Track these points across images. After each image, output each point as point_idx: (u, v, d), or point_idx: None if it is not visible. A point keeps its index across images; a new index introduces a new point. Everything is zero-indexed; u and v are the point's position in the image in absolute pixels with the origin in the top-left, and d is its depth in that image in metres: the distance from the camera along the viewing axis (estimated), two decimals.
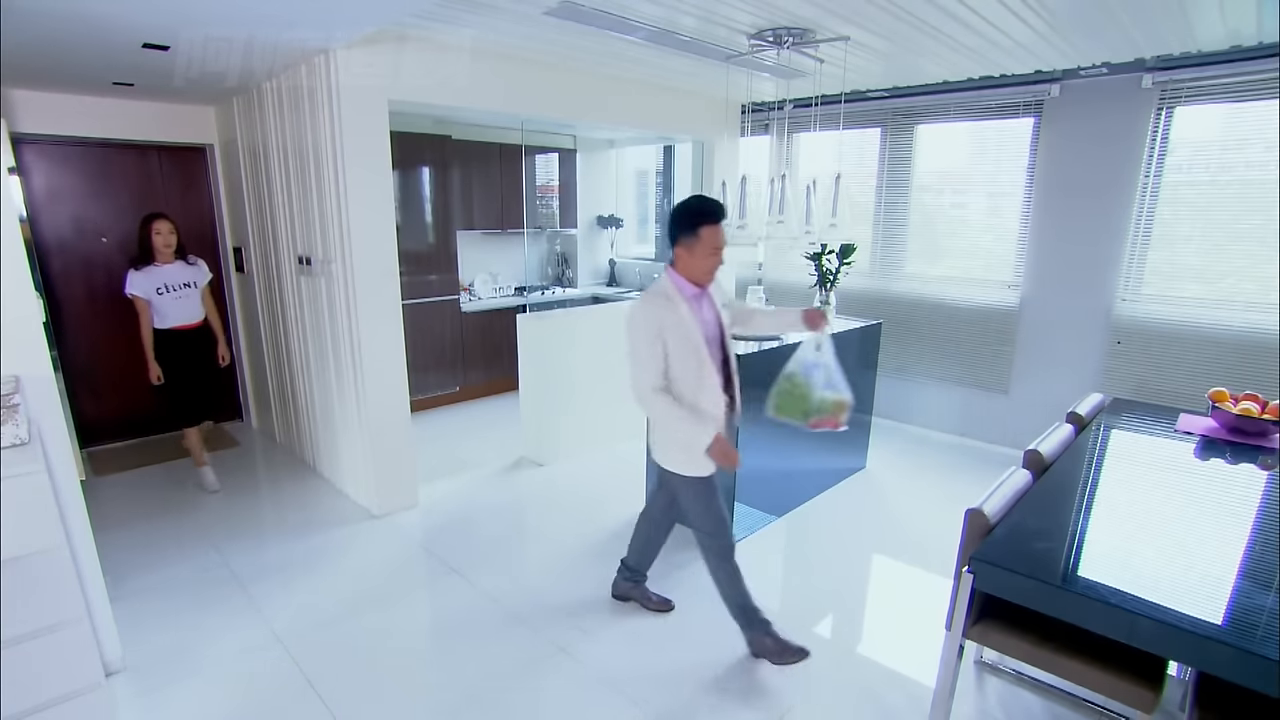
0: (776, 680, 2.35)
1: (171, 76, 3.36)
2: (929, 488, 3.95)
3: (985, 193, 4.44)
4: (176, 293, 3.58)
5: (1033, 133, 4.09)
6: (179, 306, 3.60)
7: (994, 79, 4.05)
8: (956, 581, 1.84)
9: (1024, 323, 4.28)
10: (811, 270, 3.94)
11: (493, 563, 3.11)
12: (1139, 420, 2.78)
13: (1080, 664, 1.72)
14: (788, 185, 3.24)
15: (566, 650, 2.49)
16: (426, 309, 5.14)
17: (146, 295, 3.50)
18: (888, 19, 2.86)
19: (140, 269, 3.50)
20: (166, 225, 3.54)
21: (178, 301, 3.59)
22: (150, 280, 3.51)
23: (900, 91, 4.49)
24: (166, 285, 3.55)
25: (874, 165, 4.82)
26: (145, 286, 3.50)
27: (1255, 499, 2.03)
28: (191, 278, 3.65)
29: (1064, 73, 3.84)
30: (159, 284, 3.53)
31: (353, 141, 3.14)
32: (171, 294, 3.56)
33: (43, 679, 1.77)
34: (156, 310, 3.54)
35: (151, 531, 3.38)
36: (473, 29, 3.06)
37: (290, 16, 2.52)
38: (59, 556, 1.75)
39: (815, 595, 2.87)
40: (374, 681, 2.33)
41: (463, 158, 5.46)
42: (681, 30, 3.07)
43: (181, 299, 3.60)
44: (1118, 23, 2.91)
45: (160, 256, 3.53)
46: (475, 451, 4.51)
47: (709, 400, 2.26)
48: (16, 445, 1.74)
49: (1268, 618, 1.43)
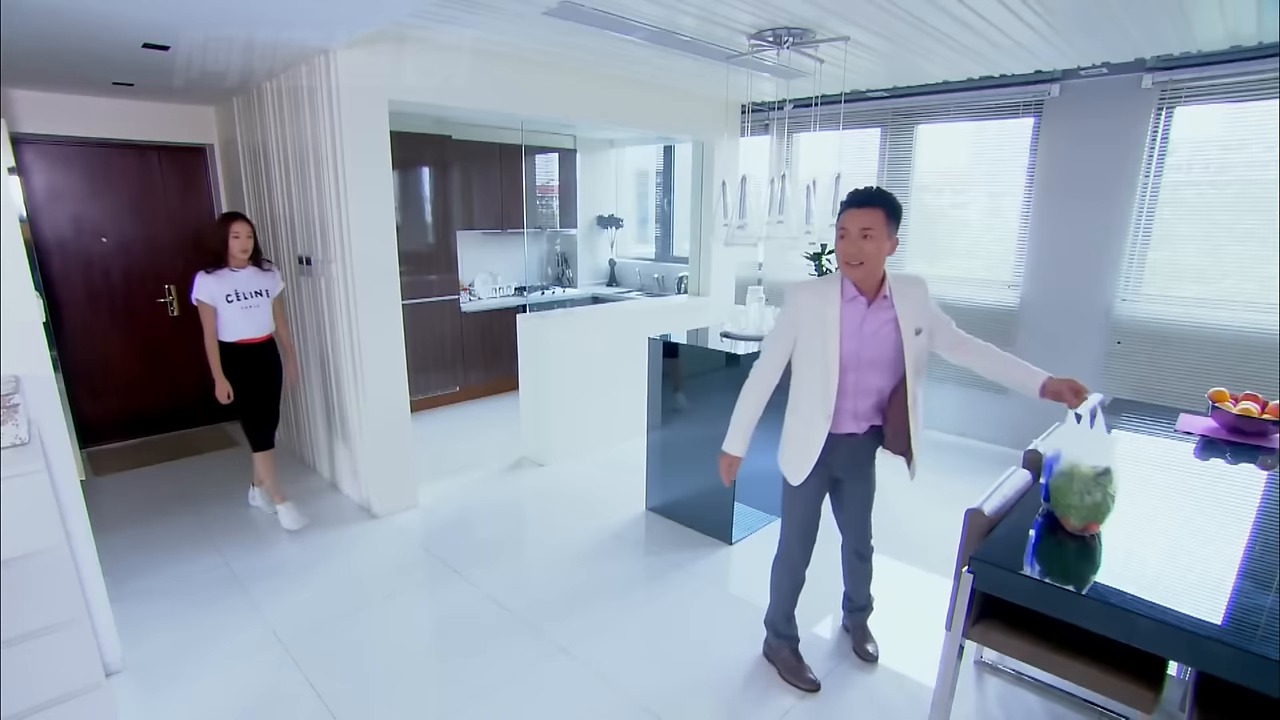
0: (777, 680, 2.35)
1: (171, 76, 3.37)
2: (929, 488, 3.94)
3: (985, 193, 4.44)
4: (247, 301, 3.22)
5: (1033, 133, 4.09)
6: (248, 317, 3.23)
7: (994, 79, 4.05)
8: (956, 581, 1.84)
9: (1024, 323, 4.28)
10: (811, 270, 3.95)
11: (493, 563, 3.11)
12: (1139, 420, 2.78)
13: (1080, 664, 1.72)
14: (788, 185, 3.23)
15: (567, 650, 2.49)
16: (426, 309, 5.14)
17: (214, 302, 3.15)
18: (888, 19, 2.86)
19: (211, 272, 3.15)
20: (246, 228, 3.19)
21: (247, 311, 3.23)
22: (221, 286, 3.16)
23: (900, 91, 4.49)
24: (238, 293, 3.19)
25: (874, 165, 4.82)
26: (215, 292, 3.14)
27: (1255, 499, 2.03)
28: (264, 285, 3.29)
29: (1064, 73, 3.84)
30: (230, 290, 3.17)
31: (353, 141, 3.14)
32: (241, 303, 3.21)
33: (43, 679, 1.76)
34: (222, 320, 3.18)
35: (151, 531, 3.38)
36: (472, 29, 3.06)
37: (290, 16, 2.51)
38: (59, 556, 1.75)
39: (815, 595, 2.86)
40: (374, 681, 2.33)
41: (463, 158, 5.46)
42: (681, 30, 3.07)
43: (252, 309, 3.24)
44: (1118, 23, 2.91)
45: (234, 261, 3.19)
46: (475, 451, 4.51)
47: (819, 418, 2.09)
48: (16, 445, 1.74)
49: (1268, 618, 1.43)
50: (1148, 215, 3.77)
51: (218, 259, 3.17)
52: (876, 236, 1.96)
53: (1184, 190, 3.68)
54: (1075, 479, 1.74)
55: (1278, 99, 3.29)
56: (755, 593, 2.93)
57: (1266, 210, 3.41)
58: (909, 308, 2.05)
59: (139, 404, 4.64)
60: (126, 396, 4.57)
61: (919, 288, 2.09)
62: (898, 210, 2.00)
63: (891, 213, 1.98)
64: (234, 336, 3.22)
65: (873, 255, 1.97)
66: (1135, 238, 3.82)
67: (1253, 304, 3.51)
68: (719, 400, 3.19)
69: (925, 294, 2.09)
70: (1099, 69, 3.69)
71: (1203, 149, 3.63)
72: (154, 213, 4.52)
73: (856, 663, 2.45)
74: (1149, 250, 3.80)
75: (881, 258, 2.00)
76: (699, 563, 3.12)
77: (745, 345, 3.23)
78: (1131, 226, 3.81)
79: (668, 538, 3.35)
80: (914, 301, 2.06)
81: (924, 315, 2.08)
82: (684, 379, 3.34)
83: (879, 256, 1.99)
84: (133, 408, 4.62)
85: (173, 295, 4.65)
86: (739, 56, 3.44)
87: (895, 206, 1.99)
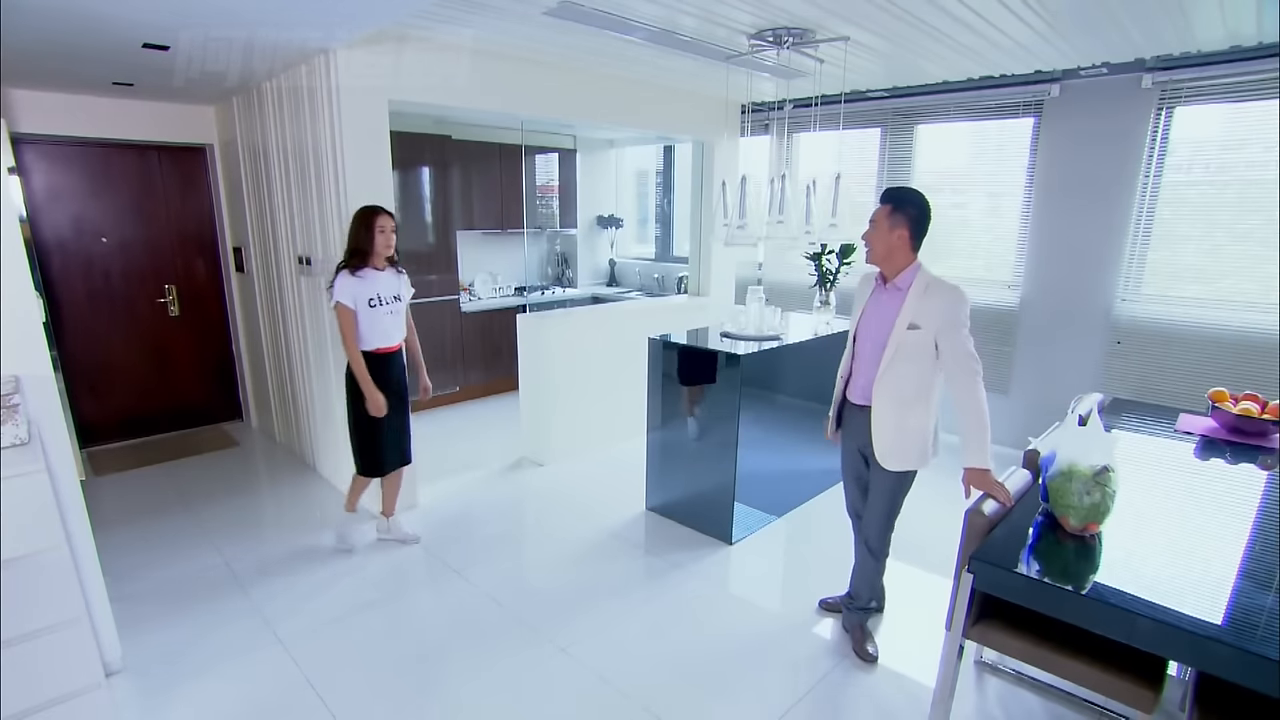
0: (777, 680, 2.35)
1: (171, 76, 3.36)
2: (929, 488, 3.93)
3: (985, 193, 4.44)
4: (388, 306, 2.88)
5: (1033, 133, 4.09)
6: (385, 324, 2.88)
7: (994, 79, 4.05)
8: (956, 581, 1.84)
9: (1024, 323, 4.28)
10: (811, 270, 3.94)
11: (493, 562, 3.11)
12: (1139, 420, 2.78)
13: (1080, 664, 1.72)
14: (788, 185, 3.23)
15: (566, 650, 2.49)
16: (426, 309, 5.14)
17: (356, 306, 2.79)
18: (888, 19, 2.86)
19: (355, 272, 2.80)
20: (391, 222, 2.85)
21: (388, 318, 2.89)
22: (364, 288, 2.81)
23: (900, 91, 4.49)
24: (380, 296, 2.85)
25: (874, 165, 4.82)
26: (358, 295, 2.79)
27: (1255, 499, 2.03)
28: (400, 289, 2.98)
29: (1064, 73, 3.84)
30: (372, 294, 2.83)
31: (353, 141, 3.13)
32: (383, 307, 2.86)
33: (43, 679, 1.77)
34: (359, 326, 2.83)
35: (151, 531, 3.38)
36: (473, 29, 3.06)
37: (290, 16, 2.52)
38: (59, 556, 1.75)
39: (815, 595, 2.87)
40: (374, 681, 2.33)
41: (463, 158, 5.46)
42: (681, 30, 3.07)
43: (391, 314, 2.90)
44: (1117, 23, 2.91)
45: (378, 260, 2.85)
46: (475, 451, 4.51)
47: (840, 382, 2.47)
48: (16, 445, 1.74)
49: (1268, 618, 1.43)
50: (1148, 215, 3.77)
51: (362, 258, 2.82)
52: (877, 226, 2.24)
53: (1184, 190, 3.68)
54: (1075, 479, 1.75)
55: (1278, 99, 3.29)
56: (756, 592, 2.93)
57: (1266, 210, 3.41)
58: (918, 304, 2.19)
59: (139, 404, 4.64)
60: (126, 396, 4.57)
61: (942, 297, 2.17)
62: (903, 202, 2.21)
63: (897, 206, 2.21)
64: (369, 345, 2.87)
65: (872, 242, 2.26)
66: (1135, 238, 3.82)
67: (1253, 304, 3.51)
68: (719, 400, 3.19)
69: (946, 303, 2.16)
70: (1099, 69, 3.69)
71: (1203, 149, 3.63)
72: (154, 213, 4.52)
73: (856, 663, 2.45)
74: (1149, 250, 3.80)
75: (882, 244, 2.23)
76: (699, 563, 3.12)
77: (745, 345, 3.23)
78: (1131, 226, 3.81)
79: (668, 538, 3.35)
80: (928, 302, 2.18)
81: (930, 318, 2.17)
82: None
83: (879, 243, 2.24)
84: (133, 408, 4.62)
85: (173, 295, 4.65)
86: (739, 56, 3.44)
87: (900, 199, 2.22)
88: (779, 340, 3.34)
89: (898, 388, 2.25)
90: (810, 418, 3.64)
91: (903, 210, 2.20)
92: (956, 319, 2.15)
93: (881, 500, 2.43)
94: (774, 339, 3.35)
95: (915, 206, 2.20)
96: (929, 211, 2.22)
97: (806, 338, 3.49)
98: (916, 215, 2.20)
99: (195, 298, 4.78)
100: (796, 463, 3.64)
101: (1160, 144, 3.67)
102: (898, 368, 2.23)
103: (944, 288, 2.18)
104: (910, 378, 2.24)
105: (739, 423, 3.09)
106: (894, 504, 2.43)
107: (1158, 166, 3.70)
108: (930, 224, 2.24)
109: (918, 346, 2.20)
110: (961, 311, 2.15)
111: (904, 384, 2.25)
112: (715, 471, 3.25)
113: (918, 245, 2.24)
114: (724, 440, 3.17)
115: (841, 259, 3.88)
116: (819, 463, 3.80)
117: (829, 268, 3.88)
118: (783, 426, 3.48)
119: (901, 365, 2.23)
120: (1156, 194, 3.73)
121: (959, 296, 2.17)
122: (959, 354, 2.15)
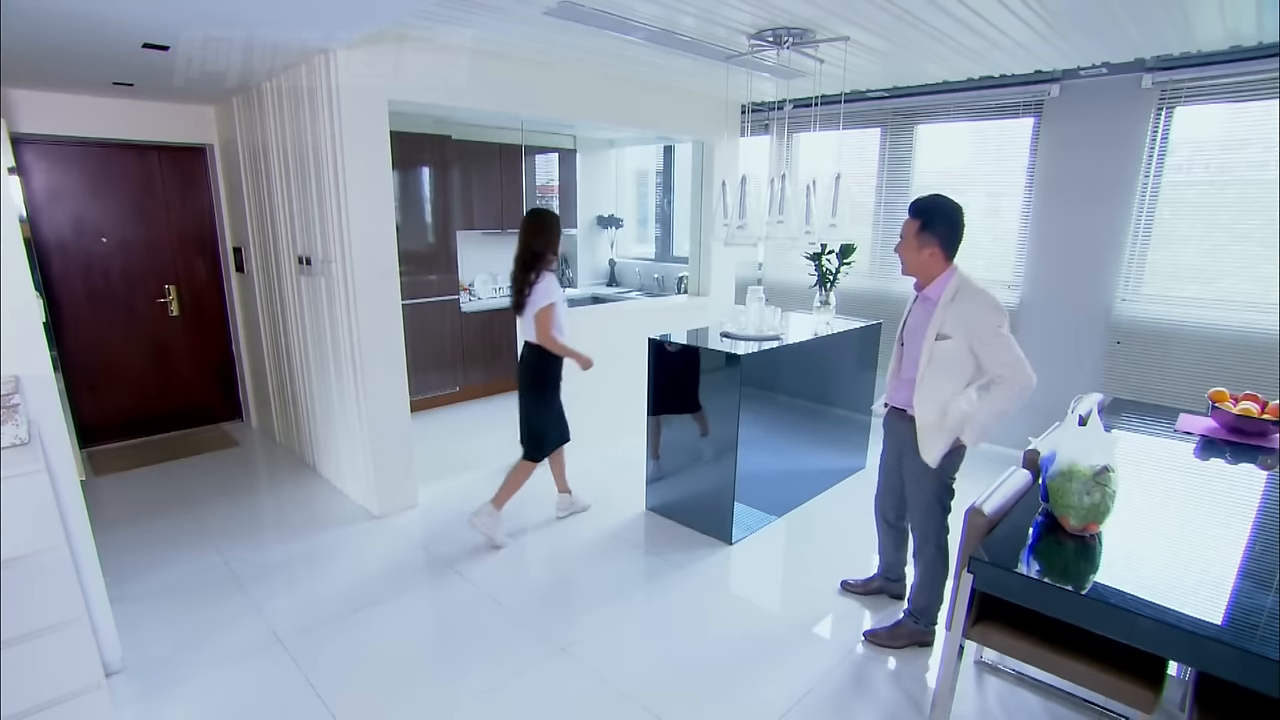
0: (776, 680, 2.35)
1: (171, 76, 3.36)
2: None
3: (985, 193, 4.44)
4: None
5: (1033, 133, 4.09)
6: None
7: (994, 79, 4.05)
8: (956, 581, 1.84)
9: (1024, 323, 4.28)
10: (811, 270, 3.94)
11: (492, 562, 3.11)
12: (1139, 420, 2.78)
13: (1080, 664, 1.72)
14: (787, 185, 3.23)
15: (566, 650, 2.49)
16: (426, 309, 5.14)
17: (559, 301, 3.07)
18: (888, 19, 2.86)
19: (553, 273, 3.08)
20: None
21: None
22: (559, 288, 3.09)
23: (900, 91, 4.49)
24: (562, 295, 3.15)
25: (874, 165, 4.82)
26: (558, 294, 3.06)
27: (1255, 499, 2.03)
28: None
29: (1064, 73, 3.84)
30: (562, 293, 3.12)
31: (353, 141, 3.14)
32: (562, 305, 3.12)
33: (43, 679, 1.77)
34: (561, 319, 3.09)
35: (151, 531, 3.38)
36: (473, 29, 3.06)
37: (290, 16, 2.52)
38: (59, 556, 1.75)
39: (815, 595, 2.87)
40: (374, 681, 2.33)
41: (463, 158, 5.46)
42: (681, 30, 3.07)
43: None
44: (1117, 23, 2.91)
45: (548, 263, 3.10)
46: (475, 451, 4.51)
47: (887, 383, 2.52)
48: (16, 445, 1.74)
49: (1268, 618, 1.43)
50: (1148, 215, 3.77)
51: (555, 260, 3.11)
52: (906, 242, 2.27)
53: (1184, 190, 3.68)
54: (1075, 479, 1.75)
55: (1278, 99, 3.29)
56: (756, 592, 2.93)
57: (1266, 210, 3.41)
58: (944, 313, 2.19)
59: (139, 404, 4.64)
60: (126, 396, 4.57)
61: (966, 305, 2.16)
62: (931, 220, 2.19)
63: (926, 223, 2.20)
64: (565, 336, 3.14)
65: (903, 255, 2.29)
66: (1135, 238, 3.82)
67: (1252, 304, 3.51)
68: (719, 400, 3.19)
69: (971, 312, 2.16)
70: (1099, 69, 3.69)
71: (1203, 149, 3.63)
72: (154, 213, 4.52)
73: (857, 662, 2.45)
74: (1149, 250, 3.80)
75: (913, 260, 2.26)
76: (699, 563, 3.12)
77: (745, 345, 3.23)
78: (1131, 226, 3.81)
79: (668, 538, 3.35)
80: (954, 310, 2.19)
81: (957, 327, 2.18)
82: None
83: (910, 258, 2.27)
84: (133, 408, 4.62)
85: (173, 295, 4.65)
86: (739, 56, 3.44)
87: (928, 216, 2.21)
88: (779, 340, 3.34)
89: (937, 398, 2.25)
90: (810, 418, 3.64)
91: (931, 229, 2.19)
92: (985, 329, 2.12)
93: (913, 487, 2.43)
94: (774, 339, 3.35)
95: (945, 222, 2.18)
96: (960, 220, 2.20)
97: (806, 338, 3.49)
98: (947, 231, 2.19)
99: (195, 298, 4.78)
100: (796, 463, 3.64)
101: (1160, 144, 3.67)
102: (933, 379, 2.24)
103: (969, 294, 2.17)
104: (948, 391, 2.23)
105: (739, 423, 3.09)
106: (941, 482, 2.35)
107: (1158, 166, 3.70)
108: (964, 229, 2.22)
109: (952, 358, 2.19)
110: (988, 321, 2.12)
111: (942, 396, 2.25)
112: (715, 471, 3.25)
113: (952, 255, 2.23)
114: (724, 440, 3.17)
115: (841, 259, 3.88)
116: (819, 463, 3.81)
117: (829, 268, 3.88)
118: (783, 426, 3.48)
119: (936, 377, 2.23)
120: (1156, 194, 3.73)
121: (984, 303, 2.14)
122: (996, 365, 2.13)
